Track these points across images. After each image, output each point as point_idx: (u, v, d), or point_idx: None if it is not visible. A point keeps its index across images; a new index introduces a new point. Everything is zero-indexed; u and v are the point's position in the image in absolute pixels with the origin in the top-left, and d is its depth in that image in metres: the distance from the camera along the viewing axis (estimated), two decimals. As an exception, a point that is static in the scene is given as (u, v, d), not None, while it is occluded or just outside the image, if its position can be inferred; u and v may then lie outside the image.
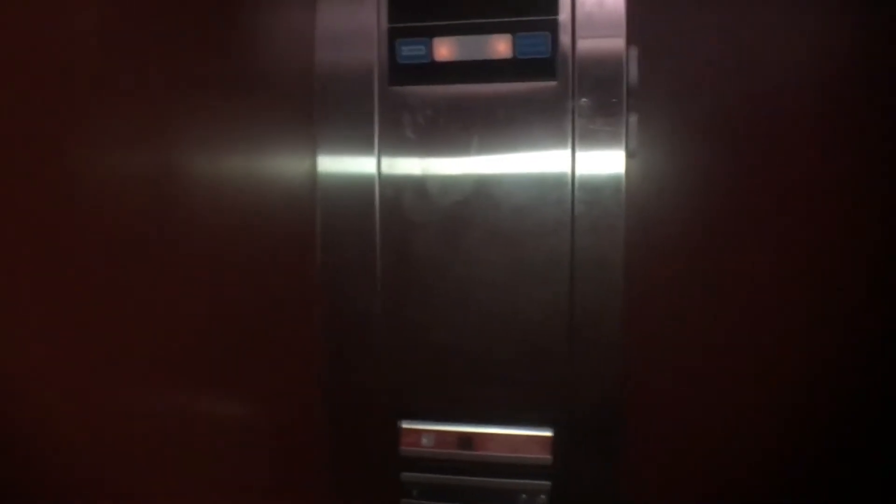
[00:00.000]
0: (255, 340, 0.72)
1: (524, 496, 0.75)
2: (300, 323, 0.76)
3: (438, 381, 0.74)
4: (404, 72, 0.72)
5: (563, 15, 0.69)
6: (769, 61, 0.73)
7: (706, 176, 0.75)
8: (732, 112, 0.74)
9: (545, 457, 0.74)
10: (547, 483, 0.75)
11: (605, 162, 0.70)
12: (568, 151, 0.70)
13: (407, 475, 0.77)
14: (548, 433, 0.74)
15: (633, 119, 0.71)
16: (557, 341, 0.72)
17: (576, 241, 0.70)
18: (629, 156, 0.71)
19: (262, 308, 0.72)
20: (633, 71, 0.70)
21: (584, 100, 0.69)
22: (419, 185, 0.72)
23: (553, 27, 0.69)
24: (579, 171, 0.70)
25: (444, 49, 0.71)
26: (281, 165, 0.72)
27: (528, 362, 0.72)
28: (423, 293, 0.73)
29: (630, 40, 0.71)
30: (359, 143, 0.73)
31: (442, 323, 0.73)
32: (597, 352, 0.71)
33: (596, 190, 0.70)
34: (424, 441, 0.75)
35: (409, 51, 0.71)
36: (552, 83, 0.70)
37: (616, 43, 0.69)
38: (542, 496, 0.75)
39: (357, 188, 0.73)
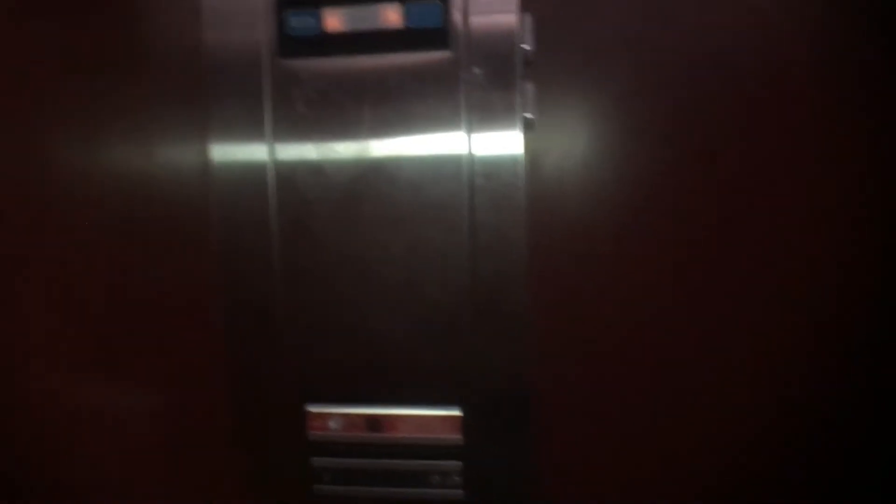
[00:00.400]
0: (154, 331, 0.70)
1: (437, 477, 0.74)
2: (199, 312, 0.74)
3: (343, 363, 0.73)
4: (294, 44, 0.69)
5: (454, -19, 0.67)
6: (686, 30, 0.71)
7: (612, 152, 0.73)
8: (642, 85, 0.73)
9: (455, 437, 0.72)
10: (458, 463, 0.73)
11: (501, 134, 0.68)
12: (463, 124, 0.68)
13: (317, 460, 0.75)
14: (456, 412, 0.72)
15: (530, 89, 0.69)
16: (461, 319, 0.70)
17: (475, 216, 0.68)
18: (527, 128, 0.69)
19: (158, 298, 0.70)
20: (529, 39, 0.68)
21: (476, 69, 0.67)
22: (313, 162, 0.70)
23: (444, -5, 0.67)
24: (475, 145, 0.68)
25: (334, 19, 0.68)
26: (170, 151, 0.69)
27: (433, 341, 0.71)
28: (323, 274, 0.71)
29: (526, 7, 0.69)
30: (250, 121, 0.70)
31: (343, 303, 0.71)
32: (502, 329, 0.70)
33: (493, 164, 0.68)
34: (332, 425, 0.73)
35: (298, 22, 0.69)
36: (445, 53, 0.67)
37: (509, 10, 0.67)
38: (455, 477, 0.74)
39: (250, 169, 0.70)
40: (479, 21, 0.67)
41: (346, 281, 0.71)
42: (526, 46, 0.68)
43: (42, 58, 0.52)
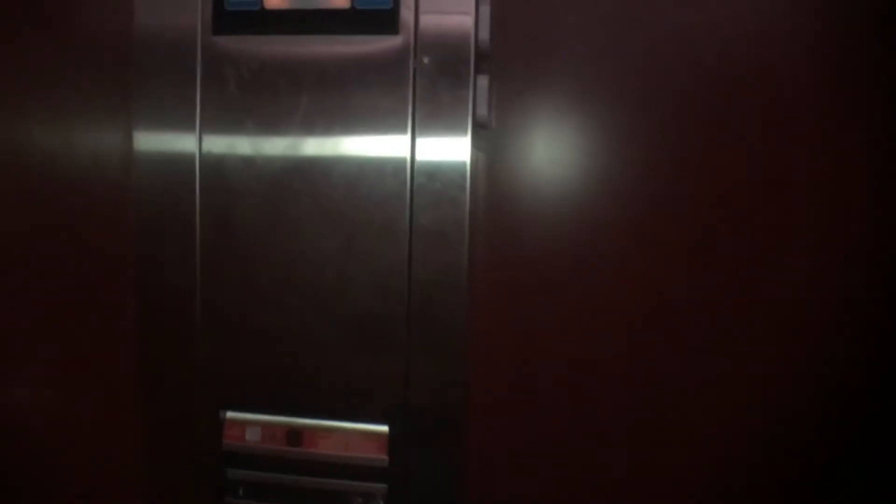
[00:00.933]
0: (65, 325, 0.64)
1: (359, 499, 0.68)
2: (114, 308, 0.68)
3: (265, 368, 0.67)
4: (230, 19, 0.64)
5: (404, -40, 0.62)
6: (652, 23, 0.66)
7: (569, 151, 0.68)
8: (604, 76, 0.67)
9: (381, 457, 0.67)
10: (383, 486, 0.67)
11: (448, 130, 0.62)
12: (408, 118, 0.62)
13: (232, 471, 0.69)
14: (383, 428, 0.66)
15: (484, 82, 0.64)
16: (393, 327, 0.64)
17: (414, 218, 0.63)
18: (479, 125, 0.64)
19: (72, 291, 0.65)
20: (484, 28, 0.63)
21: (426, 58, 0.62)
22: (242, 150, 0.64)
23: (393, -26, 0.62)
24: (420, 141, 0.62)
25: (276, -4, 0.63)
26: (91, 136, 0.64)
27: (362, 349, 0.65)
28: (246, 270, 0.65)
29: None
30: (179, 103, 0.65)
31: (266, 302, 0.65)
32: (437, 341, 0.64)
33: (437, 163, 0.63)
34: (249, 435, 0.68)
35: (237, -4, 0.64)
36: (393, 39, 0.62)
37: (465, -2, 0.62)
38: (380, 500, 0.68)
39: (174, 157, 0.65)
40: (432, 7, 0.62)
41: (271, 279, 0.65)
42: (482, 37, 0.63)
43: None
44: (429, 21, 0.62)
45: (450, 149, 0.62)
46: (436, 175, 0.62)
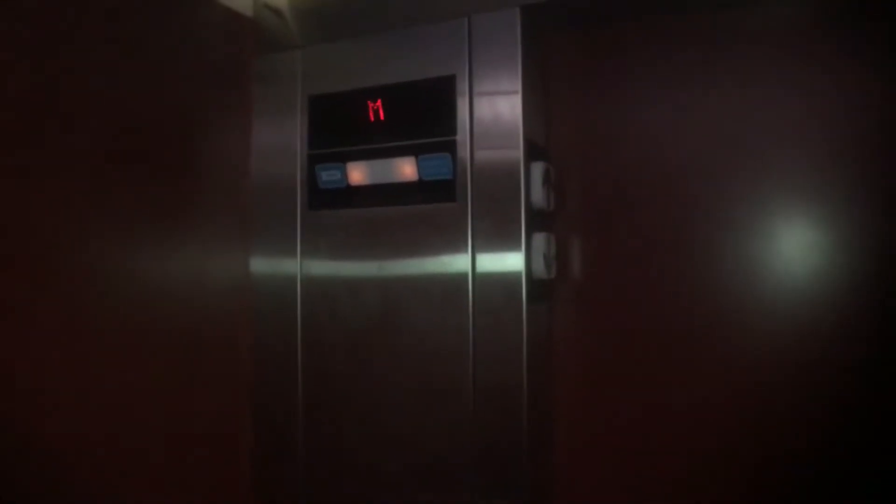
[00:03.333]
0: (184, 453, 0.75)
1: None
2: (232, 438, 0.79)
3: (349, 499, 0.74)
4: (323, 196, 0.75)
5: (462, 135, 0.68)
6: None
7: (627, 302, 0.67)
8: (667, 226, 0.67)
9: None
10: None
11: (505, 285, 0.66)
12: (468, 275, 0.67)
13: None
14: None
15: (541, 240, 0.67)
16: (464, 470, 0.68)
17: (476, 367, 0.67)
18: (536, 276, 0.67)
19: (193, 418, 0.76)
20: (537, 187, 0.67)
21: (481, 222, 0.67)
22: (333, 308, 0.74)
23: (452, 147, 0.68)
24: (478, 296, 0.67)
25: (357, 173, 0.73)
26: (213, 262, 0.76)
27: (434, 492, 0.69)
28: (338, 409, 0.73)
29: (534, 155, 0.67)
30: (282, 263, 0.77)
31: (355, 442, 0.73)
32: (504, 483, 0.67)
33: (496, 316, 0.66)
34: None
35: (328, 176, 0.74)
36: (453, 204, 0.68)
37: (513, 157, 0.66)
38: None
39: (281, 310, 0.76)
40: (484, 165, 0.67)
41: (356, 420, 0.72)
42: (536, 194, 0.67)
43: (139, 200, 0.64)
44: (481, 185, 0.67)
45: (507, 303, 0.66)
46: (494, 329, 0.66)
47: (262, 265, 0.78)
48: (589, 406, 0.72)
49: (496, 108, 0.67)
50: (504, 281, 0.66)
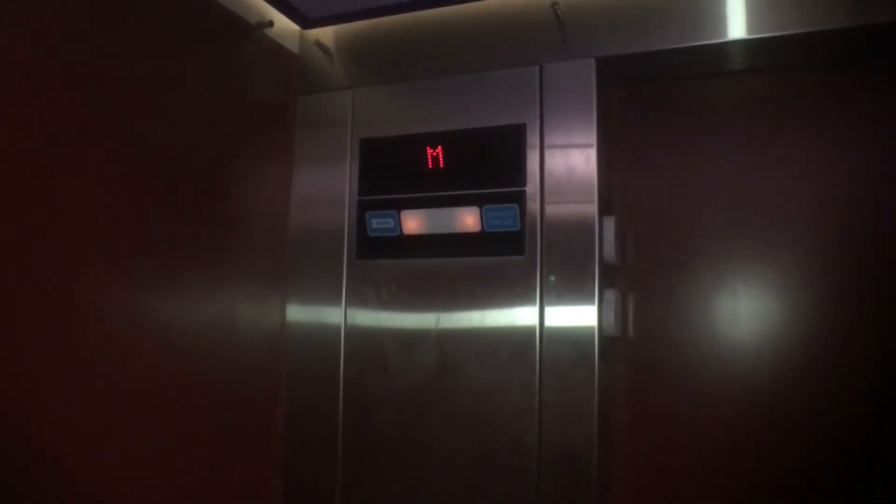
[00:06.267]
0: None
1: None
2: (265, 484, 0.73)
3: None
4: (372, 244, 0.70)
5: (531, 186, 0.65)
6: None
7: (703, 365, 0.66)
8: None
9: None
10: None
11: (575, 343, 0.63)
12: (536, 331, 0.64)
13: None
14: None
15: (611, 296, 0.64)
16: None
17: (542, 430, 0.63)
18: (608, 335, 0.64)
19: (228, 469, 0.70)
20: (609, 243, 0.65)
21: (552, 277, 0.64)
22: (382, 364, 0.69)
23: (521, 199, 0.66)
24: (547, 353, 0.64)
25: (413, 221, 0.69)
26: (249, 308, 0.71)
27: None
28: (382, 476, 0.68)
29: (606, 210, 0.66)
30: (325, 312, 0.72)
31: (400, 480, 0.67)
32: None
33: (566, 375, 0.63)
34: None
35: (379, 223, 0.70)
36: (520, 257, 0.65)
37: (587, 211, 0.64)
38: None
39: (321, 364, 0.71)
40: (555, 220, 0.64)
41: (403, 486, 0.67)
42: (608, 250, 0.65)
43: (176, 249, 0.59)
44: (552, 239, 0.64)
45: (578, 362, 0.62)
46: (563, 389, 0.63)
47: (301, 314, 0.73)
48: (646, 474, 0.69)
49: (570, 160, 0.65)
50: (575, 337, 0.63)
